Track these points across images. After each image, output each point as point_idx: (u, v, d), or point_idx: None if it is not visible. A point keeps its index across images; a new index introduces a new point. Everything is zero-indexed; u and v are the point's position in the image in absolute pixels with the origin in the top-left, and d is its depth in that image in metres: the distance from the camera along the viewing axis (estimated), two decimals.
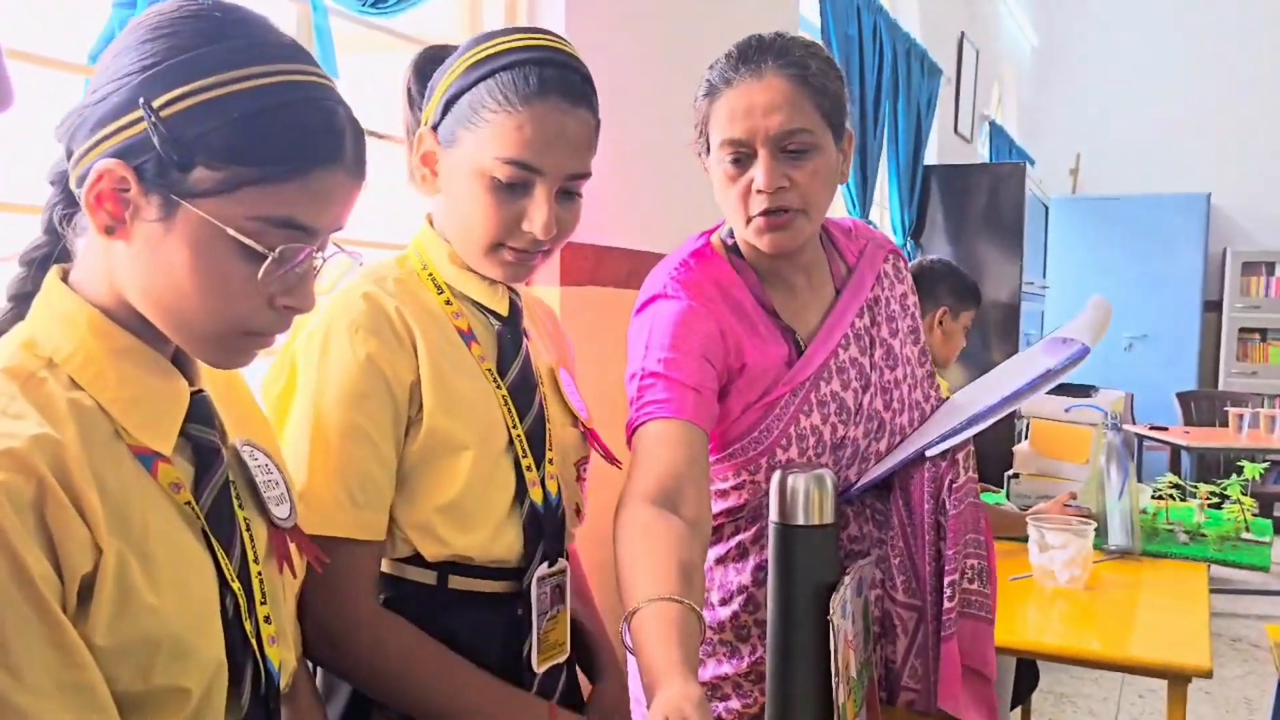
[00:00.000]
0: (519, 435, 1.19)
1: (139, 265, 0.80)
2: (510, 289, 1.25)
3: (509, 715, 1.13)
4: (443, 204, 1.20)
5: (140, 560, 0.77)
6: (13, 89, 0.67)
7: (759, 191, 1.30)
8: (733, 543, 1.46)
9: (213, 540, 0.84)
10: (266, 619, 0.88)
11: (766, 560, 1.42)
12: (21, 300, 0.86)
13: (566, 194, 1.16)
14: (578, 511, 1.31)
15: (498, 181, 1.12)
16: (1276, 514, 6.30)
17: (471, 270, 1.21)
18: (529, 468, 1.19)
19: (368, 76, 1.96)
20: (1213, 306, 7.23)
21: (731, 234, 1.43)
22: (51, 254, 0.88)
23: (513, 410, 1.19)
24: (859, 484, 1.40)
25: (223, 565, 0.84)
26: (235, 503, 0.88)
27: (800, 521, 1.19)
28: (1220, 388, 6.99)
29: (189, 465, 0.85)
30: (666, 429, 1.27)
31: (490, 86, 1.11)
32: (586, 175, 1.17)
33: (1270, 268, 7.12)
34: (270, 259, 0.79)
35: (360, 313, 1.11)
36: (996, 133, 6.71)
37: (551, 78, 1.11)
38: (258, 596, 0.87)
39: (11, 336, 0.82)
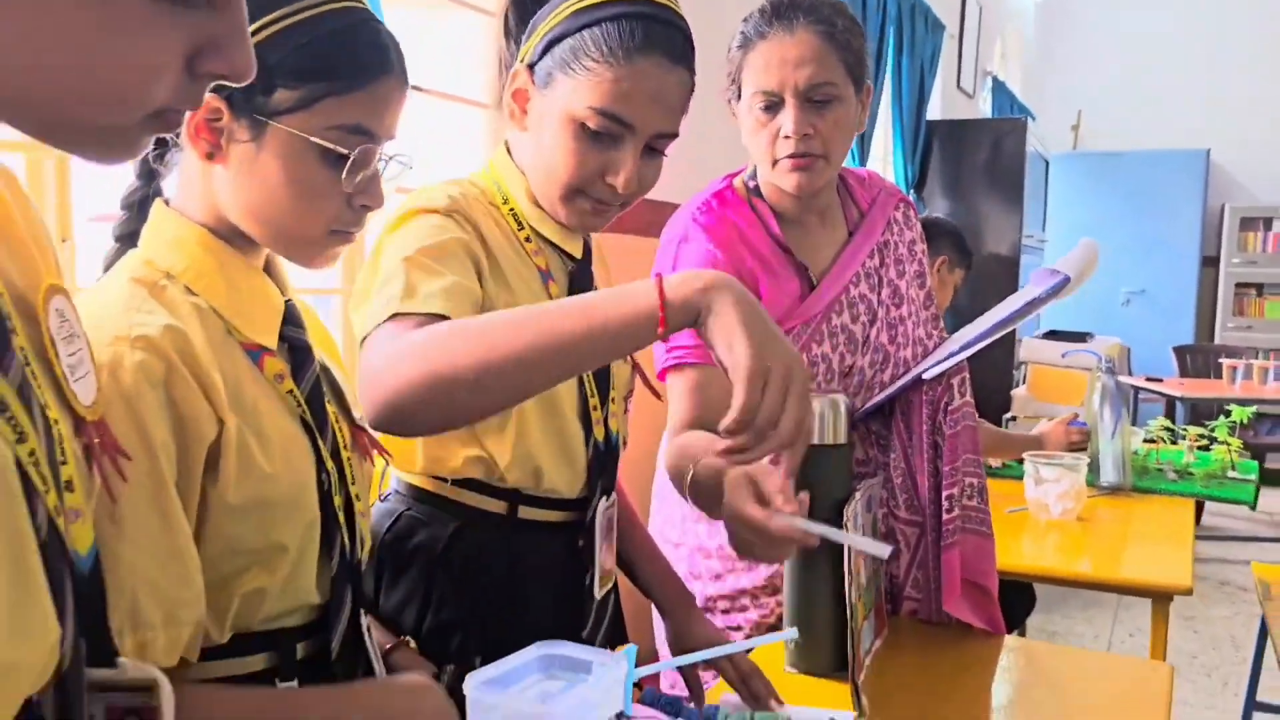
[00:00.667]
0: (588, 375, 1.20)
1: (238, 184, 0.91)
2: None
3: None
4: (527, 141, 1.19)
5: (254, 434, 0.89)
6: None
7: (786, 137, 1.42)
8: None
9: (311, 425, 0.95)
10: (356, 496, 1.00)
11: None
12: (127, 239, 0.97)
13: (650, 150, 1.15)
14: (624, 443, 1.34)
15: (588, 129, 1.11)
16: (1269, 464, 6.46)
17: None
18: (595, 407, 1.22)
19: (411, 31, 2.05)
20: (1210, 262, 7.32)
21: (753, 176, 1.55)
22: (148, 195, 0.99)
23: None
24: (864, 408, 1.52)
25: (319, 446, 0.95)
26: (325, 397, 0.99)
27: (817, 441, 1.32)
28: (1217, 342, 7.10)
29: (286, 362, 0.96)
30: (696, 375, 1.40)
31: (595, 35, 1.10)
32: (675, 135, 1.16)
33: (1268, 223, 7.19)
34: (351, 160, 0.91)
35: (441, 199, 1.13)
36: (998, 88, 6.77)
37: (658, 34, 1.10)
38: (348, 477, 0.99)
39: (129, 259, 0.93)
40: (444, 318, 0.97)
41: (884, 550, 1.00)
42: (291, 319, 0.98)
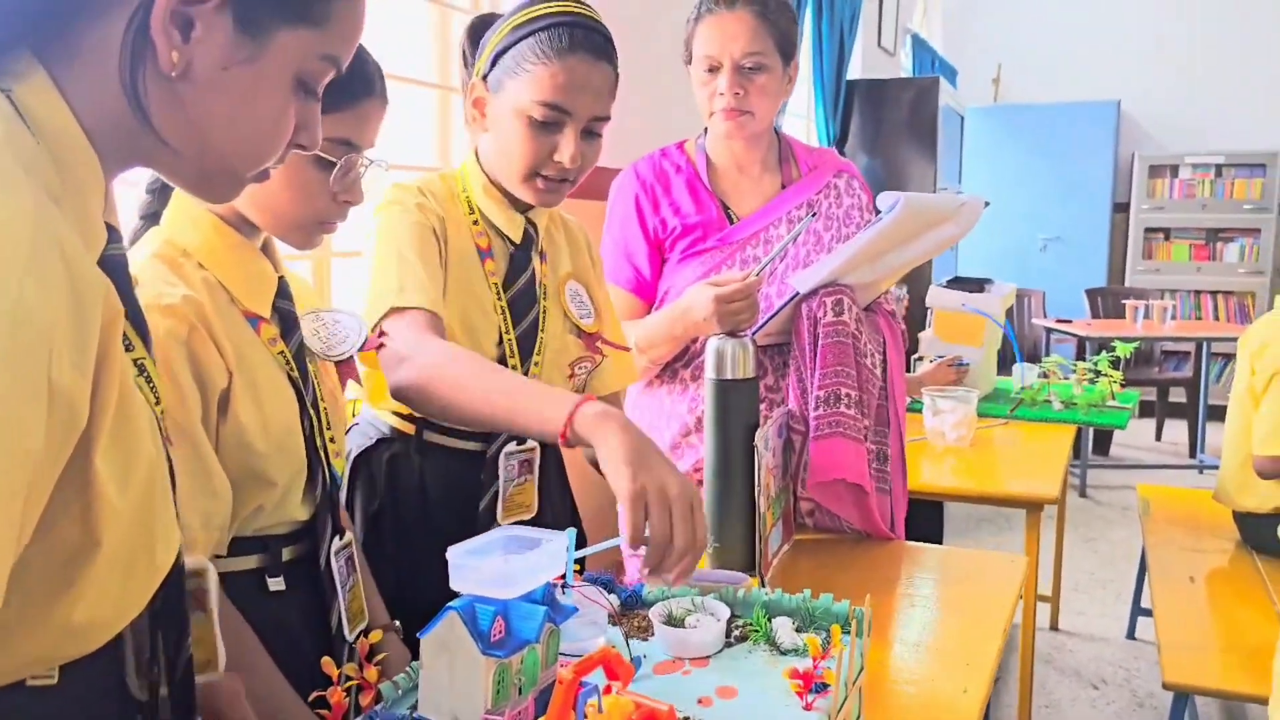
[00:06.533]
0: (510, 339, 1.45)
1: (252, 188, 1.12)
2: (529, 221, 1.50)
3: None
4: (489, 141, 1.45)
5: (253, 386, 1.10)
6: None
7: (721, 94, 1.78)
8: (669, 371, 1.91)
9: (296, 381, 1.16)
10: (331, 439, 1.22)
11: (694, 386, 1.87)
12: (150, 219, 1.17)
13: (589, 133, 1.41)
14: None
15: (534, 120, 1.36)
16: (1172, 399, 6.87)
17: (498, 201, 1.47)
18: (514, 367, 1.44)
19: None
20: (1121, 208, 7.68)
21: (703, 134, 1.90)
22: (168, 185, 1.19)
23: (508, 318, 1.45)
24: (758, 326, 1.74)
25: (303, 397, 1.17)
26: (306, 356, 1.20)
27: (729, 376, 1.57)
28: (1127, 284, 7.49)
29: (277, 328, 1.17)
30: (623, 297, 1.84)
31: (531, 43, 1.36)
32: (607, 118, 1.42)
33: (1174, 170, 7.56)
34: (337, 167, 1.13)
35: (415, 195, 1.42)
36: (919, 45, 7.03)
37: (580, 37, 1.37)
38: (324, 422, 1.20)
39: (153, 235, 1.12)
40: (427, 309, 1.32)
41: None
42: (282, 292, 1.18)
